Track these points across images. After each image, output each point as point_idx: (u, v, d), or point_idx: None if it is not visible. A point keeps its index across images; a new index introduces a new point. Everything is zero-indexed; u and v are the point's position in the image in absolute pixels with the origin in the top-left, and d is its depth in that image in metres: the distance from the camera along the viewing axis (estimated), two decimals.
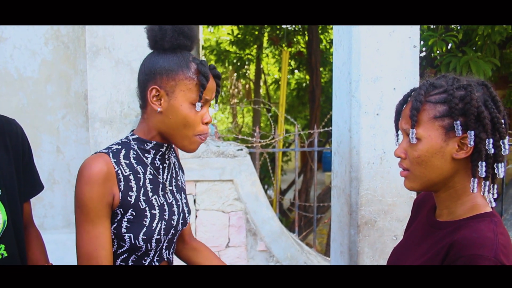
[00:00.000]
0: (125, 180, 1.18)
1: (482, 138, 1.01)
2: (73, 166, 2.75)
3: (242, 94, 12.01)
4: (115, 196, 1.16)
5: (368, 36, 1.98)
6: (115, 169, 1.16)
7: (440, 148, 1.05)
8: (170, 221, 1.28)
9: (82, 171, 1.13)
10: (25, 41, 2.67)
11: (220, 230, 2.81)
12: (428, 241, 1.13)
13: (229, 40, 8.17)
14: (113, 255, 1.22)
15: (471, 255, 0.94)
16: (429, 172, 1.08)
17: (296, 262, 2.88)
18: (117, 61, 2.50)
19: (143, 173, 1.23)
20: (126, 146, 1.23)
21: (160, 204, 1.26)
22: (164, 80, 1.17)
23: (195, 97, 1.18)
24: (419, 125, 1.07)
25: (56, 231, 2.70)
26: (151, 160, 1.25)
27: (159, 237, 1.23)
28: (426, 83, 1.10)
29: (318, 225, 6.52)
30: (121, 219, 1.18)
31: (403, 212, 2.06)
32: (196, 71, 1.18)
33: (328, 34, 7.85)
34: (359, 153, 2.02)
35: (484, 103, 1.03)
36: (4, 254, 1.24)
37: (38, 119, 2.70)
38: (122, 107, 2.52)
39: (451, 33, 3.30)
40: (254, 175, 2.82)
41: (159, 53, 1.20)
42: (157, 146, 1.25)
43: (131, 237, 1.19)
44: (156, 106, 1.18)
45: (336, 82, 2.25)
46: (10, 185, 1.26)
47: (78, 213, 1.14)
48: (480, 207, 1.07)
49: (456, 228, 1.05)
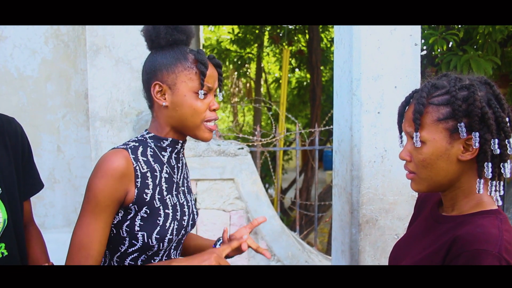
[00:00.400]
0: (142, 177, 1.19)
1: (487, 139, 1.00)
2: (74, 165, 2.74)
3: (243, 93, 12.00)
4: (130, 192, 1.17)
5: (369, 34, 1.97)
6: (134, 165, 1.17)
7: (445, 150, 1.04)
8: (181, 222, 1.28)
9: (101, 164, 1.14)
10: (25, 40, 2.66)
11: (221, 229, 2.81)
12: (431, 235, 1.12)
13: (230, 39, 8.16)
14: (124, 254, 1.22)
15: (475, 250, 0.94)
16: (435, 175, 1.07)
17: (297, 261, 2.88)
18: (117, 60, 2.50)
19: (159, 171, 1.24)
20: (143, 143, 1.23)
21: (173, 204, 1.26)
22: (165, 74, 1.19)
23: (197, 85, 1.19)
24: (423, 128, 1.06)
25: (57, 230, 2.69)
26: (167, 158, 1.26)
27: (171, 237, 1.23)
28: (428, 85, 1.09)
29: (319, 224, 6.51)
30: (135, 216, 1.19)
31: (404, 211, 2.05)
32: (194, 61, 1.20)
33: (329, 32, 7.84)
34: (360, 152, 2.01)
35: (488, 102, 1.02)
36: (4, 252, 1.24)
37: (38, 118, 2.70)
38: (123, 106, 2.51)
39: (452, 31, 3.29)
40: (255, 174, 2.82)
41: (157, 51, 1.22)
42: (173, 143, 1.26)
43: (144, 235, 1.19)
44: (161, 101, 1.20)
45: (337, 81, 2.24)
46: (10, 183, 1.26)
47: (86, 203, 1.15)
48: (486, 204, 1.06)
49: (459, 223, 1.05)
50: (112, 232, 1.20)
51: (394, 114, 2.00)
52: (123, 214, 1.19)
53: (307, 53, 7.26)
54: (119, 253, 1.22)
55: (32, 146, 1.43)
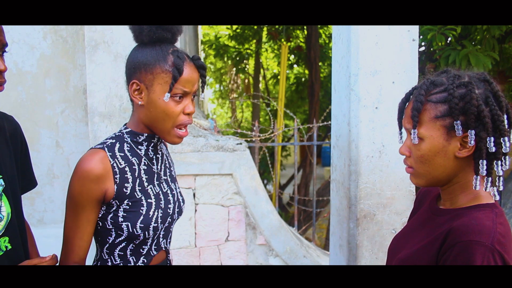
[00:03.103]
0: (121, 173, 1.23)
1: (483, 137, 1.02)
2: (72, 160, 2.75)
3: (241, 88, 12.00)
4: (108, 190, 1.21)
5: (367, 30, 1.98)
6: (111, 162, 1.21)
7: (442, 147, 1.07)
8: (166, 210, 1.31)
9: (77, 167, 1.19)
10: (24, 36, 2.66)
11: (219, 224, 2.82)
12: (428, 227, 1.15)
13: (228, 34, 8.15)
14: (112, 245, 1.26)
15: (468, 241, 0.96)
16: (433, 170, 1.10)
17: (296, 255, 2.89)
18: (116, 55, 2.50)
19: (137, 164, 1.27)
20: (119, 139, 1.27)
21: (155, 193, 1.30)
22: (143, 74, 1.20)
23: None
24: (421, 125, 1.08)
25: (56, 226, 2.70)
26: (144, 151, 1.29)
27: (156, 225, 1.27)
28: (426, 82, 1.11)
29: (317, 220, 6.53)
30: (117, 209, 1.23)
31: (401, 206, 2.07)
32: (173, 64, 1.20)
33: (327, 28, 7.84)
34: (358, 147, 2.02)
35: (485, 100, 1.04)
36: (8, 246, 1.25)
37: (37, 113, 2.70)
38: (121, 101, 2.51)
39: (450, 26, 3.29)
40: (253, 169, 2.83)
41: (139, 47, 1.23)
42: (149, 138, 1.29)
43: (128, 225, 1.22)
44: (137, 100, 1.22)
45: (335, 76, 2.25)
46: (12, 178, 1.27)
47: (68, 202, 1.22)
48: (483, 198, 1.09)
49: (456, 215, 1.08)
50: (98, 225, 1.25)
51: (392, 109, 2.02)
52: (105, 209, 1.23)
53: (305, 49, 7.27)
54: (107, 244, 1.26)
55: (31, 141, 1.44)
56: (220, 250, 2.84)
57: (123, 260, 1.27)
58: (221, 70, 12.18)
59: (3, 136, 1.30)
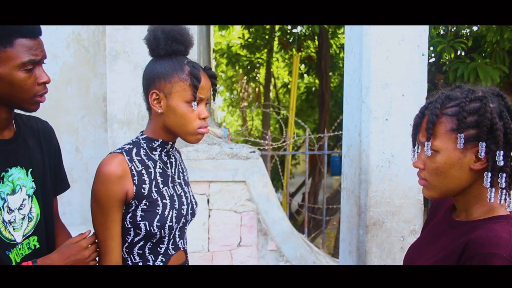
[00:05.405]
0: (138, 175, 1.32)
1: (492, 149, 1.04)
2: (91, 165, 2.84)
3: (252, 97, 12.07)
4: (129, 191, 1.30)
5: (378, 44, 2.05)
6: (129, 166, 1.31)
7: (458, 159, 1.08)
8: (180, 210, 1.41)
9: (99, 171, 1.30)
10: (47, 45, 2.71)
11: (232, 229, 2.89)
12: (445, 239, 1.16)
13: (240, 43, 8.23)
14: (131, 244, 1.35)
15: (486, 253, 0.98)
16: (447, 182, 1.11)
17: (306, 262, 2.95)
18: (135, 65, 2.60)
19: (153, 167, 1.37)
20: (136, 145, 1.37)
21: (170, 195, 1.39)
22: (162, 83, 1.31)
23: (189, 96, 1.31)
24: (436, 137, 1.09)
25: (74, 228, 2.75)
26: (158, 156, 1.39)
27: (171, 224, 1.36)
28: (442, 96, 1.12)
29: (326, 228, 6.57)
30: (136, 209, 1.32)
31: (410, 214, 2.13)
32: (189, 73, 1.31)
33: (338, 39, 7.88)
34: (368, 157, 2.09)
35: (500, 114, 1.06)
36: (36, 245, 1.33)
37: (58, 119, 2.79)
38: (140, 109, 2.61)
39: (460, 39, 3.34)
40: (266, 176, 2.90)
41: (156, 60, 1.35)
42: (163, 143, 1.39)
43: (146, 224, 1.32)
44: (156, 108, 1.33)
45: (347, 88, 2.32)
46: (44, 181, 1.36)
47: (94, 206, 1.31)
48: (497, 210, 1.10)
49: (472, 227, 1.09)
50: None
51: (401, 121, 2.09)
52: (125, 209, 1.33)
53: (316, 59, 7.32)
54: (126, 243, 1.35)
55: None
56: (232, 255, 2.91)
57: (142, 259, 1.35)
58: (232, 79, 12.27)
59: (37, 139, 1.39)
